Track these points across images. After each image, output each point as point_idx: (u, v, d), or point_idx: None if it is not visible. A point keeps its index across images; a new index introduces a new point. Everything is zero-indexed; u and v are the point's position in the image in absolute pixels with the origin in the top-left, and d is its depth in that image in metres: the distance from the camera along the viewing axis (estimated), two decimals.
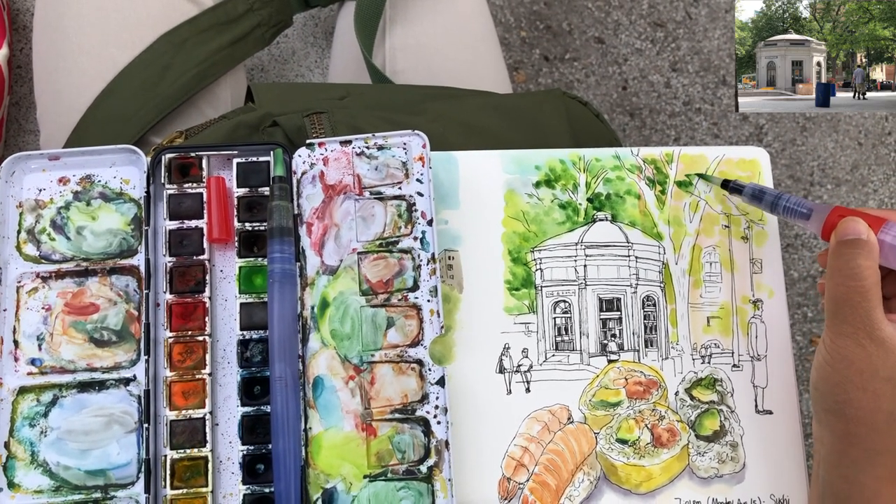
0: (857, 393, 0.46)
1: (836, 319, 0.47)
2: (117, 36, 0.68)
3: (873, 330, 0.46)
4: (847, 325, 0.46)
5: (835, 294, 0.47)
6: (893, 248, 0.48)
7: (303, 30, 1.18)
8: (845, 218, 0.49)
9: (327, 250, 0.53)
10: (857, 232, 0.47)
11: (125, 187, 0.54)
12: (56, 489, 0.50)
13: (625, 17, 1.26)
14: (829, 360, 0.47)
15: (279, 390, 0.49)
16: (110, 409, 0.51)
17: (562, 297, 0.56)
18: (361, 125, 0.60)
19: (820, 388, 0.48)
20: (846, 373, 0.46)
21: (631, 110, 1.25)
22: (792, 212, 0.53)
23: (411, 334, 0.52)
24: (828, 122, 1.26)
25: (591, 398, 0.55)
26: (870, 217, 0.49)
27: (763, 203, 0.55)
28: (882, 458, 0.46)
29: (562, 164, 0.58)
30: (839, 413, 0.47)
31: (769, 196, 0.54)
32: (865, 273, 0.46)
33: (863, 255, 0.47)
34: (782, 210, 0.53)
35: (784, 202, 0.53)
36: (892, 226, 0.48)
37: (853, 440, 0.46)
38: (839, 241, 0.48)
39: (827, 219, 0.50)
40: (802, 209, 0.52)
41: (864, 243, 0.47)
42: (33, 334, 0.52)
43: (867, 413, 0.46)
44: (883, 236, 0.48)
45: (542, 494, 0.53)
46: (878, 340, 0.45)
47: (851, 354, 0.46)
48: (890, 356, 0.45)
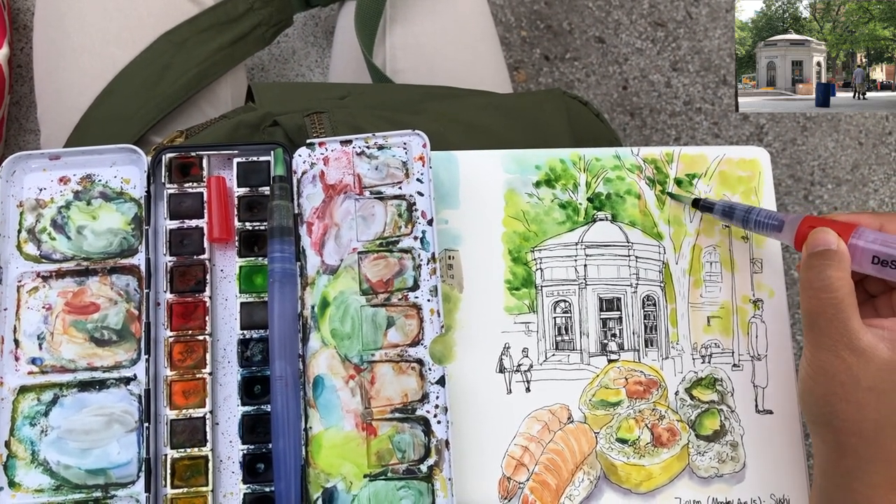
0: (841, 405, 0.45)
1: (814, 332, 0.46)
2: (118, 35, 0.68)
3: (851, 340, 0.45)
4: (825, 337, 0.46)
5: (809, 307, 0.47)
6: (866, 252, 0.47)
7: (303, 29, 1.18)
8: (814, 229, 0.48)
9: (327, 250, 0.53)
10: (826, 242, 0.47)
11: (126, 187, 0.54)
12: (56, 488, 0.50)
13: (625, 17, 1.26)
14: (810, 374, 0.47)
15: (279, 390, 0.49)
16: (111, 409, 0.51)
17: (562, 296, 0.56)
18: (362, 125, 0.60)
19: (806, 401, 0.48)
20: (829, 385, 0.46)
21: (631, 110, 1.25)
22: (763, 225, 0.52)
23: (411, 334, 0.52)
24: (828, 122, 1.26)
25: (591, 398, 0.55)
26: (839, 224, 0.48)
27: (734, 219, 0.54)
28: (873, 466, 0.45)
29: (562, 164, 0.58)
30: (827, 424, 0.46)
31: (739, 211, 0.53)
32: (837, 284, 0.46)
33: (833, 266, 0.46)
34: (754, 224, 0.53)
35: (755, 216, 0.52)
36: (862, 231, 0.47)
37: (843, 450, 0.46)
38: (809, 253, 0.47)
39: (798, 229, 0.49)
40: (773, 221, 0.51)
41: (833, 254, 0.46)
42: (34, 333, 0.52)
43: (853, 423, 0.45)
44: (855, 241, 0.47)
45: (543, 494, 0.53)
46: (858, 351, 0.45)
47: (832, 367, 0.45)
48: (870, 365, 0.45)
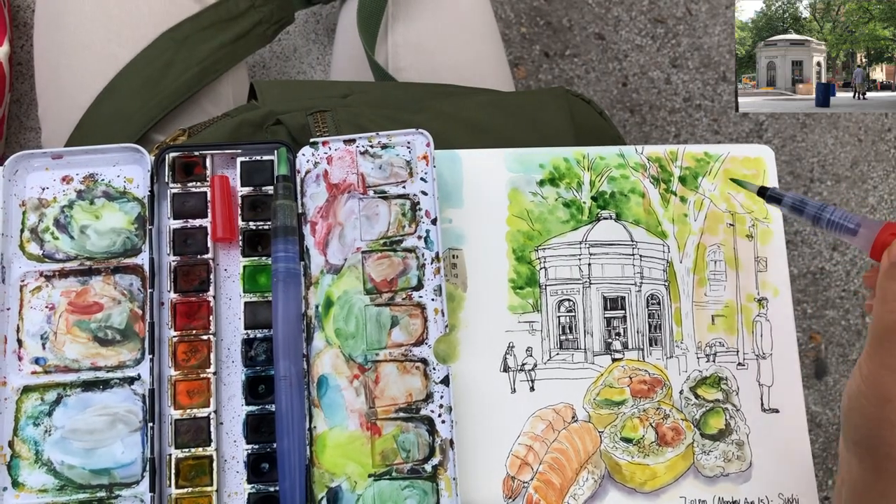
0: (893, 431, 0.42)
1: (881, 349, 0.42)
2: (119, 33, 0.67)
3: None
4: (893, 357, 0.41)
5: (885, 322, 0.42)
6: None
7: (304, 27, 1.18)
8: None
9: (331, 249, 0.53)
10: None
11: (129, 186, 0.54)
12: (60, 488, 0.50)
13: (625, 14, 1.26)
14: (864, 392, 0.43)
15: (284, 389, 0.49)
16: (115, 408, 0.51)
17: (566, 295, 0.56)
18: (365, 123, 0.60)
19: (852, 420, 0.44)
20: (884, 410, 0.42)
21: (631, 106, 1.25)
22: (837, 226, 0.48)
23: (416, 333, 0.52)
24: (827, 119, 1.26)
25: (595, 397, 0.55)
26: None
27: (805, 215, 0.50)
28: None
29: (566, 163, 0.58)
30: (871, 448, 0.43)
31: (811, 208, 0.49)
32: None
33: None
34: (826, 224, 0.49)
35: (828, 215, 0.48)
36: None
37: (882, 475, 0.43)
38: (893, 262, 0.42)
39: (878, 237, 0.45)
40: (849, 224, 0.47)
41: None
42: (37, 333, 0.52)
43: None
44: None
45: (547, 493, 0.53)
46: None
47: (892, 390, 0.41)
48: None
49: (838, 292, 1.26)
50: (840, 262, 1.26)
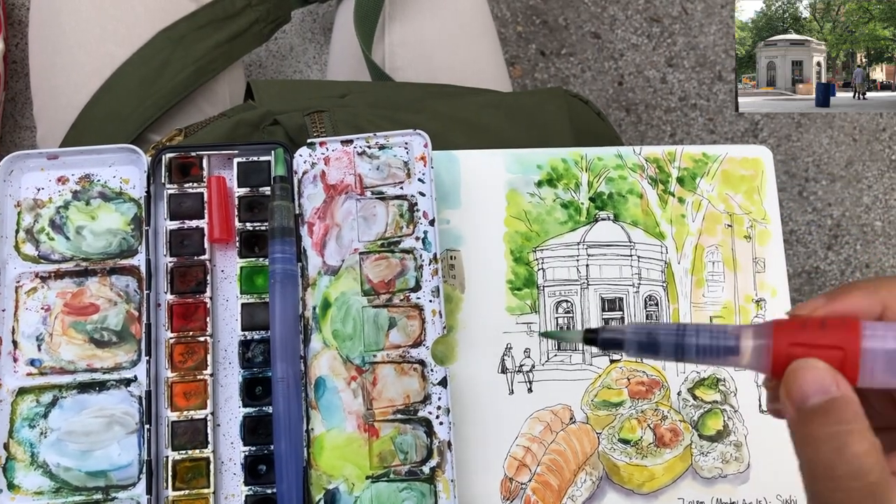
0: None
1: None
2: (115, 32, 0.67)
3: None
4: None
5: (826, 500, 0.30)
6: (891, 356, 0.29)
7: (301, 26, 1.18)
8: (795, 364, 0.30)
9: (329, 250, 0.53)
10: (821, 388, 0.30)
11: (125, 187, 0.54)
12: (56, 490, 0.49)
13: (621, 13, 1.26)
14: None
15: (281, 391, 0.49)
16: (111, 410, 0.51)
17: (564, 296, 0.56)
18: (362, 124, 0.60)
19: None
20: None
21: (627, 106, 1.25)
22: (709, 351, 0.32)
23: (413, 335, 0.52)
24: (823, 118, 1.26)
25: (593, 398, 0.55)
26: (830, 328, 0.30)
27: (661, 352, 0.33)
28: None
29: (564, 164, 0.58)
30: None
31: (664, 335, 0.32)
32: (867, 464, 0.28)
33: (852, 432, 0.29)
34: (695, 352, 0.32)
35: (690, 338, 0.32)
36: (875, 326, 0.30)
37: None
38: (798, 409, 0.30)
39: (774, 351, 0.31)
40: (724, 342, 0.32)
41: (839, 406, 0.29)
42: (32, 335, 0.51)
43: None
44: (870, 344, 0.30)
45: (545, 494, 0.53)
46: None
47: None
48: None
49: None
50: (835, 262, 1.26)
